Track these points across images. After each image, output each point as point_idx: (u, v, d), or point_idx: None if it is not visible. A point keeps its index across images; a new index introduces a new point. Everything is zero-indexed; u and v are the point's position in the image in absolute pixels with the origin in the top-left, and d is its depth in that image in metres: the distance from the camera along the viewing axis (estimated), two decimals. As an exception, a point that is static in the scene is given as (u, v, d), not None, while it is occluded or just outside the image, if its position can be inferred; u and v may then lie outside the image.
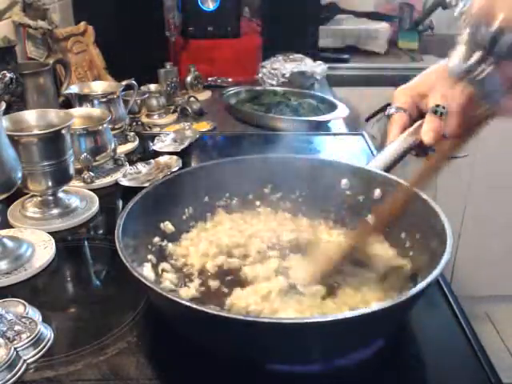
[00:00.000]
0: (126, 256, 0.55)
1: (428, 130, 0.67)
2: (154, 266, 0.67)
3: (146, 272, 0.64)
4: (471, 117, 0.59)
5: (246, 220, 0.78)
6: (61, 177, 0.84)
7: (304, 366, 0.55)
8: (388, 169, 0.72)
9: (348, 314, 0.48)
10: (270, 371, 0.55)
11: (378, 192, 0.71)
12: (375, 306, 0.49)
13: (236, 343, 0.53)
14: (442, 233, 0.58)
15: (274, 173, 0.78)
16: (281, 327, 0.48)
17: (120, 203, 0.94)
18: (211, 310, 0.49)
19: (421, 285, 0.51)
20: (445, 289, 0.67)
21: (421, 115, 0.74)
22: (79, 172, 0.95)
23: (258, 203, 0.80)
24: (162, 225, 0.72)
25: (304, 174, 0.77)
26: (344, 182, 0.75)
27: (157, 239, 0.70)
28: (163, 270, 0.67)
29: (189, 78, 1.56)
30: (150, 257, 0.67)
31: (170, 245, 0.72)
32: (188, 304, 0.49)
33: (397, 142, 0.72)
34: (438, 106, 0.65)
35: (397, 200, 0.63)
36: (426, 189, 0.63)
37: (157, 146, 1.15)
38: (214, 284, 0.66)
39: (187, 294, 0.64)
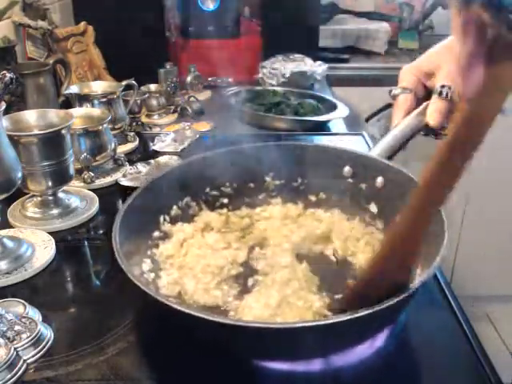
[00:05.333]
0: (122, 258, 0.55)
1: (433, 111, 0.63)
2: (154, 262, 0.67)
3: (146, 267, 0.64)
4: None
5: (248, 208, 0.78)
6: (61, 177, 0.84)
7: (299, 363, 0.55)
8: (392, 154, 0.70)
9: (348, 315, 0.47)
10: (270, 371, 0.54)
11: (380, 180, 0.70)
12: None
13: (237, 346, 0.54)
14: (440, 233, 0.56)
15: (275, 161, 0.76)
16: (270, 331, 0.48)
17: (120, 203, 0.94)
18: (209, 316, 0.49)
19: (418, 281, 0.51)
20: (445, 289, 0.67)
21: (429, 95, 0.69)
22: (79, 172, 0.95)
23: (259, 191, 0.79)
24: (161, 218, 0.71)
25: (306, 161, 0.75)
26: (346, 169, 0.74)
27: (156, 233, 0.70)
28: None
29: (189, 78, 1.56)
30: (149, 252, 0.67)
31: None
32: (186, 311, 0.49)
33: (401, 126, 0.68)
34: (443, 86, 0.62)
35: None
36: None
37: (157, 146, 1.14)
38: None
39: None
